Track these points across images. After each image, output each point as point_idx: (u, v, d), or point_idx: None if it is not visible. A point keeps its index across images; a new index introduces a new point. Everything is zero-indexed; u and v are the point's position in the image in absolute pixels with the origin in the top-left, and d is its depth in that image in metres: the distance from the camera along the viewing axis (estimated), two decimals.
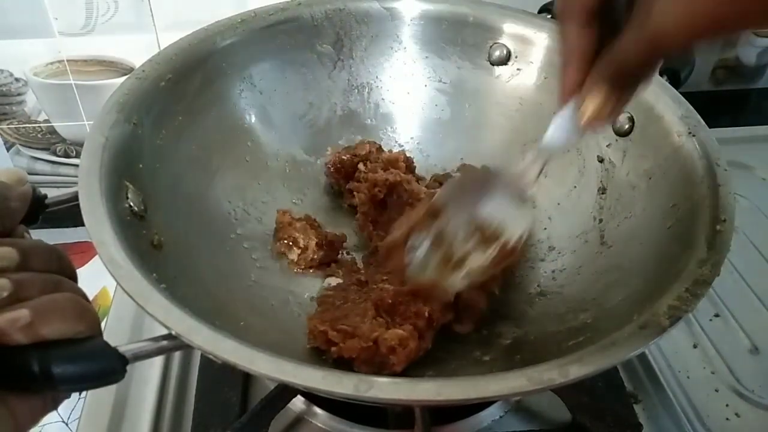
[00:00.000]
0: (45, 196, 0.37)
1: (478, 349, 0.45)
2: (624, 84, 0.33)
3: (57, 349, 0.28)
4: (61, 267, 0.32)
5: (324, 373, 0.30)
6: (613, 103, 0.33)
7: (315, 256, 0.51)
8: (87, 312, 0.30)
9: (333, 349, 0.41)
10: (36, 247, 0.31)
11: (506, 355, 0.43)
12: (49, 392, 0.30)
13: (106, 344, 0.29)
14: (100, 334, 0.30)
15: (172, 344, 0.31)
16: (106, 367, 0.28)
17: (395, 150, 0.60)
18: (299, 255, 0.52)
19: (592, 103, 0.33)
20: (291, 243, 0.52)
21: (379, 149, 0.58)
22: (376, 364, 0.40)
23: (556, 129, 0.38)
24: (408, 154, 0.59)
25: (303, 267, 0.52)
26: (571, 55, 0.34)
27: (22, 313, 0.27)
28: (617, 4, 0.33)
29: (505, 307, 0.49)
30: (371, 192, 0.53)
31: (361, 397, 0.29)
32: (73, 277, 0.32)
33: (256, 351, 0.30)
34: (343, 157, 0.56)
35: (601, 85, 0.33)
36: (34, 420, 0.30)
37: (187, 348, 0.31)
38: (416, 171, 0.59)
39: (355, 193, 0.54)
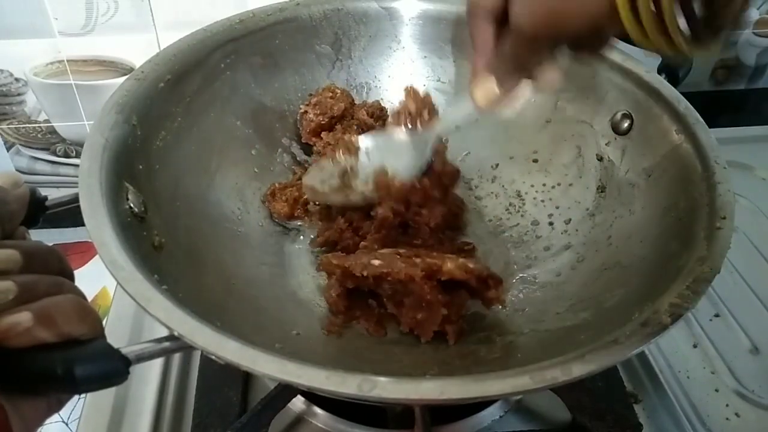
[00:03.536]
0: (45, 198, 0.37)
1: (479, 347, 0.45)
2: (503, 74, 0.39)
3: (72, 350, 0.28)
4: (61, 269, 0.32)
5: (327, 373, 0.30)
6: (498, 89, 0.40)
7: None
8: (90, 314, 0.30)
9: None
10: (38, 249, 0.31)
11: (507, 354, 0.43)
12: (68, 394, 0.30)
13: (110, 346, 0.29)
14: (103, 335, 0.30)
15: (174, 345, 0.31)
16: (110, 368, 0.28)
17: None
18: (313, 206, 0.54)
19: (481, 88, 0.41)
20: (305, 206, 0.54)
21: (352, 103, 0.58)
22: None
23: (454, 109, 0.48)
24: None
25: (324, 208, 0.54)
26: (475, 47, 0.40)
27: (24, 317, 0.27)
28: None
29: (505, 307, 0.49)
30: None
31: (364, 397, 0.29)
32: (72, 279, 0.32)
33: (258, 351, 0.31)
34: (321, 122, 0.56)
35: (488, 74, 0.40)
36: (40, 421, 0.30)
37: (189, 349, 0.31)
38: None
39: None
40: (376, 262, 0.43)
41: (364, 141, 0.52)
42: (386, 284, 0.43)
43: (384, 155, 0.51)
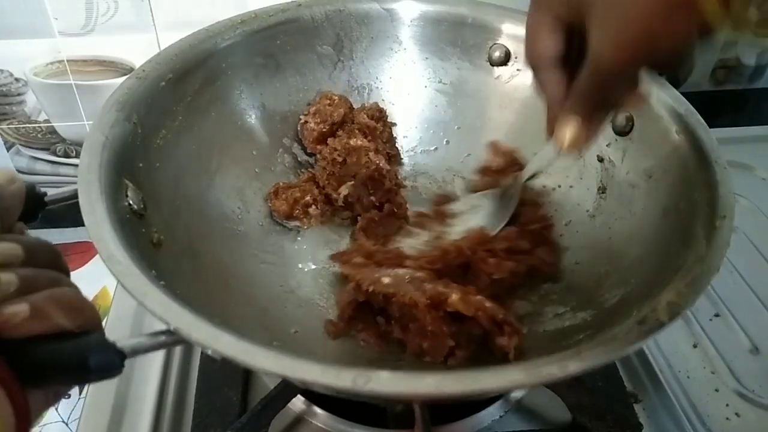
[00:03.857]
0: (44, 194, 0.37)
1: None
2: (590, 112, 0.37)
3: (71, 341, 0.28)
4: (58, 265, 0.32)
5: (322, 367, 0.30)
6: (585, 129, 0.38)
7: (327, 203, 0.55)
8: (87, 306, 0.30)
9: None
10: (38, 243, 0.31)
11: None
12: (76, 384, 0.30)
13: (105, 339, 0.29)
14: (101, 328, 0.30)
15: (170, 339, 0.31)
16: (105, 360, 0.28)
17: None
18: (314, 209, 0.54)
19: (565, 133, 0.38)
20: (306, 208, 0.54)
21: (351, 108, 0.58)
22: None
23: (538, 158, 0.49)
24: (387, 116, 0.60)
25: (325, 213, 0.55)
26: (548, 97, 0.39)
27: (22, 308, 0.27)
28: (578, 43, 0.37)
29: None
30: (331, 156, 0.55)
31: (359, 391, 0.29)
32: (67, 274, 0.33)
33: (254, 345, 0.30)
34: (323, 129, 0.57)
35: (571, 116, 0.38)
36: (39, 413, 0.30)
37: (185, 343, 0.31)
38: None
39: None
40: (386, 281, 0.43)
41: (455, 207, 0.55)
42: (394, 305, 0.43)
43: (474, 217, 0.53)
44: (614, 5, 0.31)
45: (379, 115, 0.59)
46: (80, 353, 0.28)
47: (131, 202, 0.40)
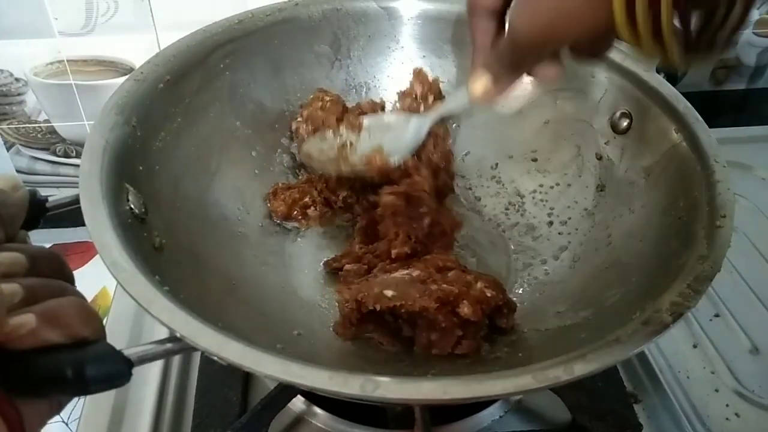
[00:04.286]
0: (46, 200, 0.37)
1: (480, 347, 0.45)
2: (502, 73, 0.40)
3: (77, 352, 0.28)
4: (63, 273, 0.32)
5: (330, 374, 0.30)
6: (494, 86, 0.41)
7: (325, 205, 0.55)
8: (92, 316, 0.30)
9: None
10: (42, 252, 0.31)
11: (508, 353, 0.43)
12: (76, 395, 0.30)
13: (112, 348, 0.29)
14: (105, 338, 0.30)
15: (177, 347, 0.31)
16: (113, 370, 0.28)
17: None
18: (313, 211, 0.55)
19: (476, 85, 0.42)
20: (304, 209, 0.54)
21: (345, 109, 0.57)
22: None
23: (452, 98, 0.50)
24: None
25: (324, 215, 0.55)
26: (475, 44, 0.42)
27: (29, 318, 0.27)
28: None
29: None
30: None
31: (367, 397, 0.29)
32: (72, 283, 0.33)
33: (261, 352, 0.31)
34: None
35: (485, 70, 0.41)
36: (43, 423, 0.30)
37: (191, 350, 0.31)
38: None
39: None
40: (389, 293, 0.42)
41: (368, 120, 0.53)
42: (401, 312, 0.43)
43: (384, 135, 0.52)
44: None
45: (372, 110, 0.59)
46: (79, 364, 0.27)
47: (132, 206, 0.40)
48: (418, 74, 0.57)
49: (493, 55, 0.40)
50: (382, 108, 0.59)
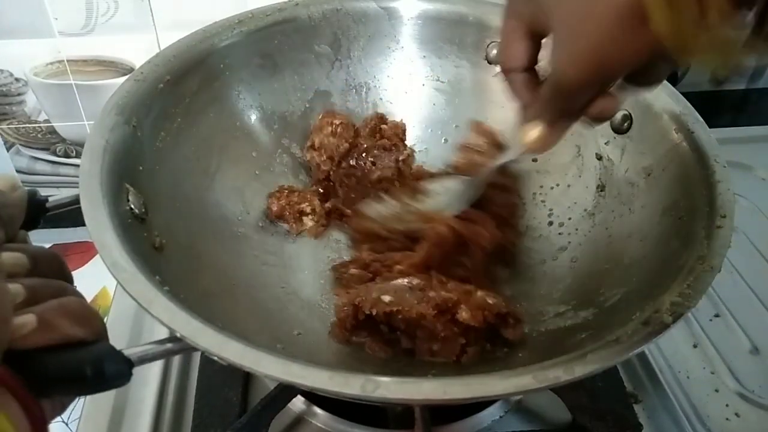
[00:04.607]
0: (46, 200, 0.37)
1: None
2: (553, 119, 0.38)
3: (79, 351, 0.28)
4: (63, 273, 0.32)
5: (331, 374, 0.30)
6: (547, 134, 0.39)
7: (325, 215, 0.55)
8: (93, 316, 0.30)
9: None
10: (42, 253, 0.31)
11: (509, 353, 0.43)
12: (90, 393, 0.30)
13: (112, 348, 0.29)
14: (106, 338, 0.30)
15: (177, 347, 0.31)
16: (112, 370, 0.28)
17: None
18: (311, 218, 0.54)
19: (529, 135, 0.39)
20: (299, 214, 0.54)
21: (357, 132, 0.58)
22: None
23: (508, 152, 0.47)
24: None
25: (319, 227, 0.55)
26: (518, 100, 0.40)
27: (29, 319, 0.27)
28: None
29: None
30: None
31: (368, 398, 0.29)
32: (71, 283, 0.33)
33: (261, 352, 0.31)
34: (332, 165, 0.56)
35: (535, 120, 0.39)
36: (47, 424, 0.30)
37: (191, 350, 0.31)
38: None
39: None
40: (387, 298, 0.42)
41: (430, 185, 0.54)
42: (398, 319, 0.43)
43: (444, 197, 0.52)
44: (569, 20, 0.32)
45: (379, 123, 0.59)
46: (88, 363, 0.28)
47: (132, 206, 0.40)
48: (477, 126, 0.56)
49: (540, 105, 0.38)
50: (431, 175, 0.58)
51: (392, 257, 0.50)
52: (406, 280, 0.45)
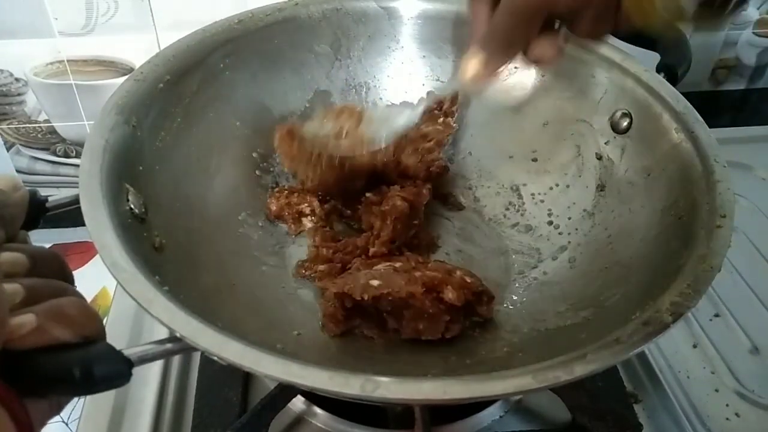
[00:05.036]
0: (46, 200, 0.37)
1: (481, 347, 0.45)
2: (495, 50, 0.40)
3: (78, 351, 0.28)
4: (63, 273, 0.32)
5: (331, 374, 0.30)
6: (485, 66, 0.41)
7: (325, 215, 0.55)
8: (93, 316, 0.30)
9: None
10: (42, 252, 0.31)
11: (509, 353, 0.43)
12: (82, 394, 0.30)
13: (112, 348, 0.29)
14: (105, 338, 0.30)
15: (177, 347, 0.31)
16: (112, 370, 0.28)
17: None
18: (311, 219, 0.54)
19: (469, 63, 0.42)
20: (298, 215, 0.54)
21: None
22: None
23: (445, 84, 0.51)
24: None
25: (319, 227, 0.54)
26: (472, 27, 0.42)
27: (28, 319, 0.27)
28: None
29: (505, 305, 0.49)
30: None
31: (368, 398, 0.29)
32: (72, 283, 0.33)
33: (261, 352, 0.31)
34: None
35: (478, 49, 0.41)
36: (43, 423, 0.30)
37: (191, 350, 0.31)
38: None
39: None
40: (375, 283, 0.43)
41: (369, 111, 0.54)
42: (384, 301, 0.43)
43: (381, 125, 0.51)
44: None
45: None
46: (87, 363, 0.27)
47: (132, 206, 0.40)
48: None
49: (487, 33, 0.40)
50: None
51: (353, 243, 0.51)
52: (388, 263, 0.47)
